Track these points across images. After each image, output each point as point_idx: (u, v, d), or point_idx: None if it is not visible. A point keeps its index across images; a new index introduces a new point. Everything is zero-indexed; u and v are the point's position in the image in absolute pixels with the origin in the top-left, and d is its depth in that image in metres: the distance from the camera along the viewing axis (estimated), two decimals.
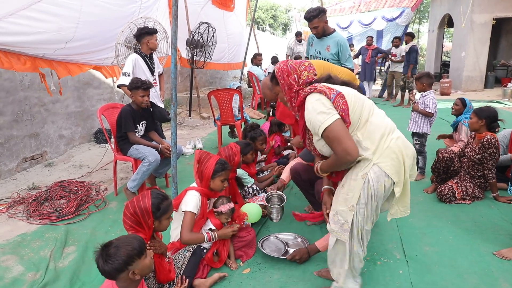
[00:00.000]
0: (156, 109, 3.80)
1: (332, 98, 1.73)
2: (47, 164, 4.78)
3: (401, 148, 1.79)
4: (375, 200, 1.82)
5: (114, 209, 3.49)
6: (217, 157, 2.51)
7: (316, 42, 4.00)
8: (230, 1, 8.64)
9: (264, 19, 27.46)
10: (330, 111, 1.71)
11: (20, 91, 4.47)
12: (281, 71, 1.96)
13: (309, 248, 2.50)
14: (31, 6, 3.29)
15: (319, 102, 1.75)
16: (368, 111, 1.82)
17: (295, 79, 1.92)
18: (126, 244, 1.63)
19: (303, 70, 1.94)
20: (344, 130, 1.71)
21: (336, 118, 1.71)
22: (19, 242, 2.86)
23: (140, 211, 1.90)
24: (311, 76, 1.93)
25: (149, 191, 2.01)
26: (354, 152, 1.70)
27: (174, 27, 2.88)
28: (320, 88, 1.77)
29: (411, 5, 13.60)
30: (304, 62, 1.97)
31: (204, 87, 10.32)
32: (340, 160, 1.74)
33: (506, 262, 2.45)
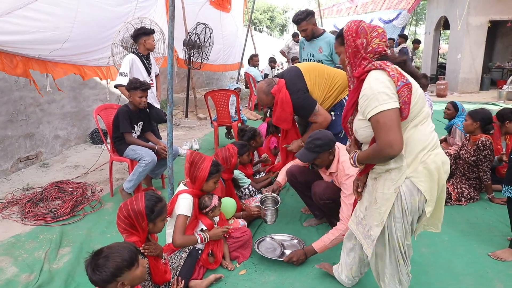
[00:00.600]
0: (153, 110, 3.79)
1: (399, 86, 1.55)
2: (42, 165, 4.75)
3: (438, 165, 1.64)
4: (410, 215, 1.69)
5: (110, 210, 3.47)
6: (211, 159, 2.49)
7: (307, 45, 4.00)
8: (227, 2, 8.64)
9: (261, 20, 27.50)
10: (392, 97, 1.55)
11: (15, 91, 4.45)
12: (349, 30, 1.72)
13: (306, 250, 2.49)
14: (27, 5, 3.27)
15: (384, 83, 1.57)
16: (423, 118, 1.66)
17: (362, 44, 1.68)
18: (116, 255, 1.59)
19: (374, 36, 1.69)
20: (398, 121, 1.55)
21: (395, 106, 1.54)
22: (13, 243, 2.83)
23: (134, 214, 1.88)
24: (382, 46, 1.69)
25: (143, 193, 1.99)
26: (398, 147, 1.53)
27: (170, 27, 2.87)
28: (391, 70, 1.57)
29: (407, 7, 13.67)
30: (378, 28, 1.71)
31: (201, 88, 10.30)
32: (380, 152, 1.58)
33: (501, 263, 2.46)
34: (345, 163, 2.51)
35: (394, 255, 1.80)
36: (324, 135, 2.53)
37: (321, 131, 2.61)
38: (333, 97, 3.05)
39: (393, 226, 1.72)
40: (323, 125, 3.03)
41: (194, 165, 2.42)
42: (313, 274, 2.41)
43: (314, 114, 2.97)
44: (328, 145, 2.51)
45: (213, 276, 2.32)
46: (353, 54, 1.71)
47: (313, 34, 3.86)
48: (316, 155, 2.51)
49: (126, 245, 1.69)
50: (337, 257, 2.58)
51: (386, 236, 1.76)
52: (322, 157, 2.53)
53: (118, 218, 1.91)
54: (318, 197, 2.62)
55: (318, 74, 3.04)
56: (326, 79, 3.03)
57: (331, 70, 3.12)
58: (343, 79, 3.08)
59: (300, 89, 2.96)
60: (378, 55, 1.68)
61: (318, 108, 2.96)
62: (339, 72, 3.15)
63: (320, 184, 2.68)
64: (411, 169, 1.63)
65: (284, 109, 2.98)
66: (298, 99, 2.95)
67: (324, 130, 2.66)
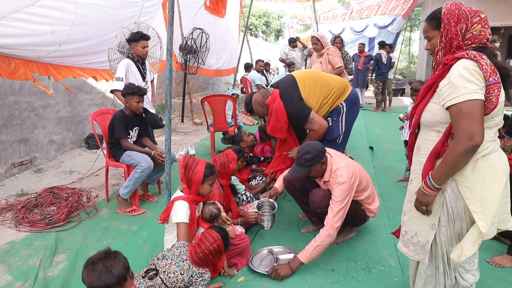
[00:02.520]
0: (149, 115, 3.76)
1: (490, 82, 1.45)
2: (36, 170, 4.69)
3: (494, 170, 1.52)
4: (456, 220, 1.59)
5: (106, 216, 3.43)
6: (204, 162, 2.48)
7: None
8: (222, 7, 8.66)
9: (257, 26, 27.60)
10: (482, 88, 1.45)
11: (10, 95, 4.40)
12: (449, 13, 1.55)
13: (291, 262, 2.42)
14: (23, 9, 3.25)
15: (474, 75, 1.45)
16: (493, 124, 1.55)
17: (462, 30, 1.53)
18: (107, 271, 1.60)
19: (476, 22, 1.53)
20: (482, 114, 1.44)
21: (482, 98, 1.44)
22: (7, 251, 2.78)
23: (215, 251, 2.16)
24: (484, 34, 1.53)
25: (215, 232, 2.22)
26: (478, 137, 1.42)
27: (169, 33, 2.86)
28: (485, 64, 1.45)
29: (402, 13, 13.80)
30: (480, 13, 1.55)
31: (197, 93, 10.29)
32: (458, 146, 1.45)
33: (499, 269, 2.46)
34: (338, 171, 2.50)
35: (435, 261, 1.70)
36: (312, 148, 2.51)
37: (308, 143, 2.59)
38: (330, 104, 3.06)
39: (438, 230, 1.63)
40: (319, 132, 3.03)
41: (188, 169, 2.41)
42: (312, 281, 2.39)
43: (309, 122, 2.97)
44: (319, 157, 2.49)
45: (212, 286, 2.29)
46: (448, 40, 1.56)
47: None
48: (309, 169, 2.51)
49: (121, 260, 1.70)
50: (335, 262, 2.58)
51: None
52: (315, 169, 2.53)
53: (199, 258, 2.12)
54: (316, 205, 2.61)
55: (314, 82, 3.04)
56: (322, 86, 3.03)
57: (327, 77, 3.12)
58: (339, 85, 3.08)
59: (294, 98, 2.96)
60: (477, 45, 1.54)
61: (313, 116, 2.96)
62: (335, 78, 3.16)
63: (317, 192, 2.66)
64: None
65: (278, 119, 2.98)
66: (292, 109, 2.95)
67: (311, 142, 2.63)
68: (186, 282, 2.08)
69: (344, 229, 2.88)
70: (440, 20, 1.58)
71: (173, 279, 2.05)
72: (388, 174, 4.45)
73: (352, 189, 2.47)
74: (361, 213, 2.75)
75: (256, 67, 9.01)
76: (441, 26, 1.58)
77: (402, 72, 18.95)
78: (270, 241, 2.90)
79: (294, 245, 2.80)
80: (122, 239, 2.99)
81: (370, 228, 3.07)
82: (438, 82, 1.59)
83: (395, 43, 15.08)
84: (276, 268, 2.40)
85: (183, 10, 7.07)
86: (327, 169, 2.56)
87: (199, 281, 2.09)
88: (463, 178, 1.54)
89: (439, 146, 1.59)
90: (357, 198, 2.66)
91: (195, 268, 2.11)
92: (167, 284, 2.04)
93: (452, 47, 1.56)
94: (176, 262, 2.12)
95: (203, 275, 2.12)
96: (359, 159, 5.07)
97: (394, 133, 6.13)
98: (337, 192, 2.44)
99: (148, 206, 3.65)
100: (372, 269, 2.51)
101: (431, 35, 1.65)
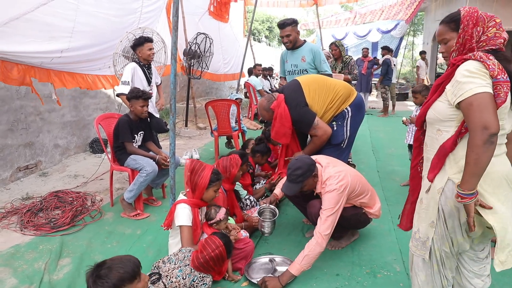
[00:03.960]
0: (153, 120, 3.79)
1: (497, 79, 1.46)
2: (41, 174, 4.72)
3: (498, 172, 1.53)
4: (448, 218, 1.59)
5: (110, 220, 3.44)
6: (212, 167, 2.49)
7: (290, 56, 4.01)
8: (225, 12, 8.72)
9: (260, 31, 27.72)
10: (489, 83, 1.46)
11: (16, 99, 4.44)
12: (469, 16, 1.58)
13: (281, 276, 2.34)
14: (23, 16, 3.29)
15: (479, 73, 1.47)
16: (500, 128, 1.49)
17: (478, 32, 1.57)
18: (119, 267, 1.60)
19: (491, 26, 1.56)
20: (493, 104, 1.43)
21: (490, 91, 1.44)
22: (13, 254, 2.79)
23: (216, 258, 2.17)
24: (499, 36, 1.56)
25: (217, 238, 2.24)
26: (493, 126, 1.39)
27: (174, 37, 2.89)
28: (492, 64, 1.46)
29: (405, 18, 13.80)
30: (495, 18, 1.58)
31: (201, 97, 10.33)
32: (474, 139, 1.42)
33: (506, 275, 2.43)
34: (327, 180, 2.47)
35: (430, 260, 1.71)
36: (302, 162, 2.48)
37: (298, 158, 2.55)
38: (335, 108, 3.05)
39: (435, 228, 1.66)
40: (323, 138, 3.02)
41: (194, 173, 2.41)
42: (316, 285, 2.38)
43: (313, 128, 2.97)
44: (310, 170, 2.47)
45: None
46: (463, 41, 1.59)
47: (296, 43, 3.89)
48: (301, 184, 2.48)
49: (129, 258, 1.70)
50: (340, 267, 2.57)
51: None
52: (307, 183, 2.50)
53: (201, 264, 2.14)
54: (314, 217, 2.57)
55: (318, 87, 3.04)
56: (327, 91, 3.03)
57: (331, 82, 3.12)
58: (344, 90, 3.08)
59: (299, 103, 2.96)
60: (490, 47, 1.56)
61: (317, 122, 2.96)
62: (340, 83, 3.16)
63: (314, 204, 2.63)
64: (454, 170, 1.56)
65: (283, 124, 2.98)
66: (296, 114, 2.95)
67: (300, 157, 2.60)
68: (188, 287, 2.08)
69: (347, 233, 2.87)
70: (459, 22, 1.59)
71: (175, 283, 2.06)
72: (392, 178, 4.44)
73: (342, 196, 2.42)
74: (362, 217, 2.73)
75: (254, 72, 9.02)
76: (460, 27, 1.59)
77: (405, 77, 18.94)
78: (274, 246, 2.90)
79: (298, 249, 2.76)
80: (126, 243, 2.99)
81: (375, 233, 3.06)
82: (446, 82, 1.61)
83: (399, 47, 15.09)
84: (265, 280, 2.33)
85: (187, 16, 7.13)
86: (318, 181, 2.53)
87: (200, 286, 2.09)
88: (459, 176, 1.51)
89: (448, 144, 1.58)
90: (354, 203, 2.65)
91: (196, 273, 2.12)
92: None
93: (465, 49, 1.59)
94: (179, 266, 2.13)
95: (204, 279, 2.12)
96: (363, 163, 5.07)
97: (398, 137, 6.12)
98: (325, 201, 2.42)
99: (153, 210, 3.65)
100: (377, 274, 2.50)
101: (448, 37, 1.65)
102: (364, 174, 3.04)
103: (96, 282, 1.55)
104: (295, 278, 2.38)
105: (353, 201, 2.63)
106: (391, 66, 9.17)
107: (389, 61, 9.14)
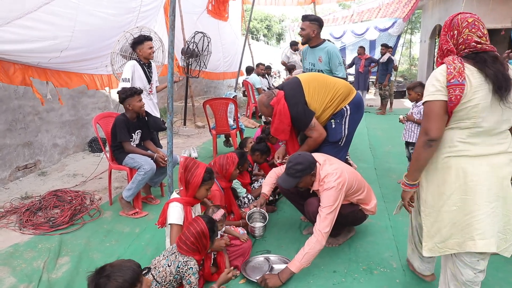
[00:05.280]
0: (151, 118, 3.80)
1: (451, 83, 1.61)
2: (40, 173, 4.73)
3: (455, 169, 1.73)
4: (417, 200, 2.02)
5: (109, 218, 3.45)
6: (205, 166, 2.49)
7: (309, 55, 4.04)
8: (224, 11, 8.72)
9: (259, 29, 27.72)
10: (440, 89, 1.65)
11: (14, 99, 4.45)
12: (445, 22, 1.78)
13: (280, 273, 2.35)
14: (27, 15, 3.29)
15: (436, 77, 1.67)
16: (468, 125, 1.68)
17: (452, 36, 1.72)
18: (118, 275, 1.60)
19: (464, 27, 1.68)
20: (437, 112, 1.66)
21: (439, 99, 1.65)
22: (12, 253, 2.81)
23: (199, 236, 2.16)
24: (471, 38, 1.67)
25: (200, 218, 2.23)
26: (432, 133, 1.67)
27: (171, 36, 2.90)
28: (453, 69, 1.62)
29: (403, 16, 13.80)
30: (468, 18, 1.69)
31: (199, 96, 10.33)
32: (419, 139, 1.73)
33: (501, 270, 2.46)
34: (326, 178, 2.49)
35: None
36: (304, 159, 2.50)
37: (301, 154, 2.59)
38: (334, 107, 3.07)
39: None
40: (318, 140, 3.05)
41: (188, 171, 2.43)
42: (313, 282, 2.41)
43: (309, 128, 2.98)
44: (310, 168, 2.49)
45: (215, 287, 2.30)
46: (440, 46, 1.78)
47: (310, 41, 3.92)
48: (299, 179, 2.50)
49: (129, 265, 1.70)
50: (337, 263, 2.59)
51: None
52: (305, 180, 2.52)
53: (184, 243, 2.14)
54: (312, 215, 2.60)
55: (318, 85, 3.05)
56: (326, 89, 3.04)
57: (331, 80, 3.14)
58: (344, 88, 3.10)
59: (299, 101, 2.98)
60: (470, 50, 1.67)
61: (314, 124, 2.98)
62: (340, 81, 3.17)
63: (312, 202, 2.65)
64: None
65: (282, 121, 2.99)
66: (295, 111, 2.97)
67: (303, 153, 2.63)
68: (174, 274, 2.10)
69: (343, 229, 2.89)
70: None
71: (162, 273, 2.10)
72: (389, 176, 4.46)
73: (340, 194, 2.44)
74: (358, 213, 2.75)
75: (257, 70, 9.05)
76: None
77: (403, 75, 18.95)
78: (272, 243, 2.92)
79: (296, 247, 2.80)
80: (125, 241, 3.01)
81: (371, 230, 3.08)
82: None
83: (396, 45, 15.08)
84: (265, 278, 2.34)
85: (185, 15, 7.13)
86: (316, 179, 2.55)
87: (185, 270, 2.10)
88: (429, 166, 1.80)
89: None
90: (351, 200, 2.67)
91: (180, 258, 2.13)
92: (158, 279, 2.07)
93: (443, 52, 1.76)
94: (166, 256, 2.18)
95: (188, 263, 2.12)
96: (361, 161, 5.09)
97: (396, 135, 6.13)
98: (324, 198, 2.44)
99: (151, 208, 3.67)
100: (373, 270, 2.52)
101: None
102: (361, 171, 3.07)
103: None
104: (294, 279, 2.40)
105: (350, 198, 2.65)
106: (392, 63, 9.13)
107: (392, 59, 9.14)
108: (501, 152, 1.71)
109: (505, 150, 1.72)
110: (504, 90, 1.61)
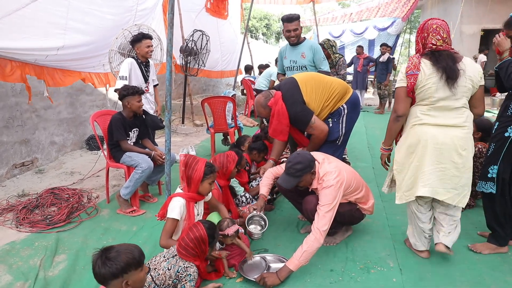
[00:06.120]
0: (148, 117, 3.79)
1: (408, 73, 2.26)
2: (37, 171, 4.72)
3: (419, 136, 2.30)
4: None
5: (106, 216, 3.45)
6: (205, 160, 2.50)
7: (289, 53, 4.01)
8: (223, 9, 8.71)
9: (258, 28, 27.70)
10: (402, 79, 2.30)
11: (11, 97, 4.43)
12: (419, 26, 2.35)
13: (279, 272, 2.34)
14: (16, 12, 3.28)
15: (401, 70, 2.33)
16: (428, 103, 2.26)
17: (423, 38, 2.29)
18: (127, 251, 1.65)
19: (431, 31, 2.24)
20: (401, 96, 2.32)
21: (402, 85, 2.31)
22: (8, 251, 2.80)
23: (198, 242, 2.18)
24: (430, 40, 2.25)
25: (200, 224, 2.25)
26: (398, 111, 2.36)
27: (169, 34, 2.89)
28: (410, 64, 2.26)
29: (402, 15, 13.82)
30: (433, 24, 2.26)
31: (197, 95, 10.32)
32: (391, 116, 2.43)
33: (497, 270, 2.47)
34: (325, 176, 2.49)
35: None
36: (303, 158, 2.51)
37: (300, 153, 2.59)
38: (331, 106, 3.06)
39: None
40: (320, 137, 3.04)
41: (188, 167, 2.44)
42: (310, 281, 2.41)
43: (310, 126, 2.98)
44: (309, 167, 2.49)
45: (212, 286, 2.30)
46: (416, 45, 2.38)
47: (298, 40, 3.91)
48: (299, 179, 2.50)
49: (135, 246, 1.76)
50: (334, 262, 2.59)
51: None
52: (305, 179, 2.52)
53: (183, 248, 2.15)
54: (310, 213, 2.60)
55: (315, 84, 3.04)
56: (323, 88, 3.04)
57: (328, 79, 3.13)
58: (340, 87, 3.09)
59: (297, 101, 2.97)
60: (429, 49, 2.24)
61: (314, 120, 2.97)
62: (336, 81, 3.16)
63: (310, 200, 2.65)
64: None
65: (280, 121, 2.99)
66: (294, 111, 2.96)
67: (303, 152, 2.63)
68: (173, 278, 2.09)
69: (341, 229, 2.89)
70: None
71: (162, 276, 2.09)
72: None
73: (339, 192, 2.45)
74: (356, 212, 2.76)
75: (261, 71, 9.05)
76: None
77: None
78: (269, 242, 2.92)
79: (293, 245, 2.80)
80: (122, 239, 3.00)
81: (369, 229, 3.08)
82: None
83: (395, 45, 15.10)
84: (264, 276, 2.33)
85: (184, 13, 7.11)
86: (315, 177, 2.55)
87: (184, 276, 2.10)
88: (403, 134, 2.44)
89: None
90: (349, 199, 2.68)
91: (180, 262, 2.13)
92: (157, 282, 2.06)
93: (417, 51, 2.37)
94: (166, 258, 2.17)
95: (188, 269, 2.12)
96: (359, 160, 5.09)
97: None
98: (323, 196, 2.44)
99: (148, 206, 3.67)
100: (370, 269, 2.52)
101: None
102: (359, 170, 3.06)
103: (106, 263, 1.60)
104: (291, 278, 2.40)
105: (348, 197, 2.65)
106: (392, 63, 9.19)
107: (392, 59, 9.17)
108: (456, 124, 2.24)
109: (460, 124, 2.24)
110: (451, 78, 2.18)
